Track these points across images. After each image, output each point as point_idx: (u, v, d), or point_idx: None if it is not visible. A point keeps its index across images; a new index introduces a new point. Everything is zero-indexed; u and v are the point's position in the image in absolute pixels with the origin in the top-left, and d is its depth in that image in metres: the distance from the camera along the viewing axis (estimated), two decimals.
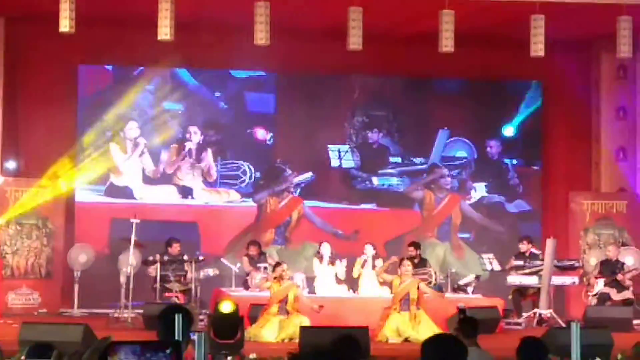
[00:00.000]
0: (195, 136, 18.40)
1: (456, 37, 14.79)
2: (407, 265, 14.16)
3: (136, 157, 18.18)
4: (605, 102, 18.53)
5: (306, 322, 13.14)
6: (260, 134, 18.63)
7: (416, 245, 16.64)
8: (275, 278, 13.82)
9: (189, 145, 18.38)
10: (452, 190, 18.96)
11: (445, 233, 18.92)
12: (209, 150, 18.43)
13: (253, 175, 18.53)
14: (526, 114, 19.12)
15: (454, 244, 18.87)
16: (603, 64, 18.39)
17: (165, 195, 18.30)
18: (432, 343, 4.20)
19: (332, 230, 18.40)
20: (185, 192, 18.39)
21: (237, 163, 18.54)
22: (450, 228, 18.93)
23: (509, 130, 19.11)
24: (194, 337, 4.87)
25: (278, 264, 14.38)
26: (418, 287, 13.89)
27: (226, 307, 9.62)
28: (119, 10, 16.15)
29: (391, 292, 14.24)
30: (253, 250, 16.46)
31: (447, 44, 14.93)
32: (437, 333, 4.63)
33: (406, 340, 13.36)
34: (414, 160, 18.96)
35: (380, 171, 18.87)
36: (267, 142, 18.67)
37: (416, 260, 16.11)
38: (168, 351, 3.39)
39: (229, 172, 18.52)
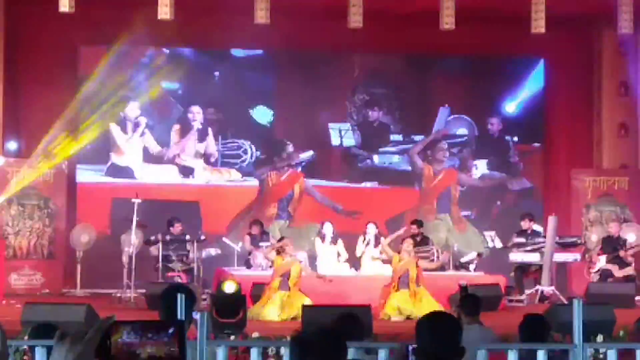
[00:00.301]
0: (198, 115, 18.40)
1: (457, 14, 14.76)
2: (409, 244, 14.19)
3: (137, 137, 18.18)
4: (607, 79, 18.49)
5: (308, 301, 13.16)
6: (261, 112, 18.61)
7: (419, 223, 16.66)
8: (278, 252, 13.83)
9: (195, 125, 18.36)
10: (452, 166, 18.94)
11: (444, 206, 18.89)
12: (211, 130, 18.42)
13: (254, 154, 18.52)
14: (527, 91, 19.09)
15: (454, 216, 18.85)
16: (604, 40, 18.34)
17: (166, 175, 18.30)
18: (426, 321, 4.19)
19: (333, 205, 18.41)
20: (186, 171, 18.39)
21: (237, 142, 18.53)
22: (450, 200, 18.91)
23: (510, 108, 19.08)
24: (197, 316, 4.87)
25: (282, 238, 14.45)
26: (417, 265, 13.91)
27: (229, 287, 9.54)
28: None
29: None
30: (255, 230, 16.46)
31: (448, 21, 14.91)
32: (431, 311, 4.60)
33: (408, 318, 13.36)
34: (415, 138, 18.94)
35: (381, 149, 18.85)
36: (268, 121, 18.65)
37: (418, 238, 16.15)
38: (171, 331, 3.38)
39: (229, 152, 18.51)
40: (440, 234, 18.44)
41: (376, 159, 18.87)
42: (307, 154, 18.63)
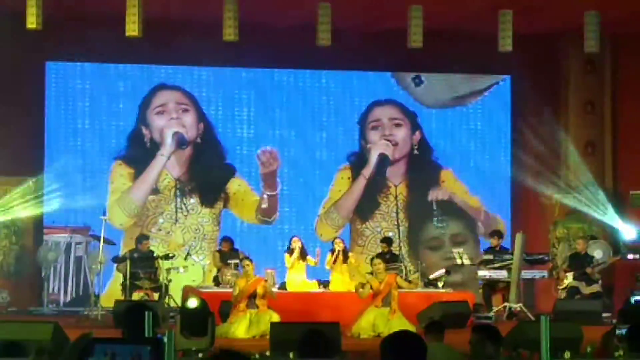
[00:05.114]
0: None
1: (425, 33, 14.87)
2: (379, 264, 14.15)
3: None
4: (574, 97, 18.59)
5: (276, 318, 13.12)
6: None
7: (388, 241, 16.74)
8: (240, 276, 13.79)
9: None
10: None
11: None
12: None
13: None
14: (495, 108, 19.13)
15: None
16: (571, 59, 18.44)
17: None
18: (391, 341, 4.17)
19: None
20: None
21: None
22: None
23: (477, 124, 19.11)
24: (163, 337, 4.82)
25: (246, 259, 14.32)
26: (397, 284, 13.86)
27: (192, 303, 9.34)
28: (87, 7, 16.01)
29: (371, 289, 14.18)
30: (225, 246, 16.41)
31: (415, 39, 14.99)
32: (397, 331, 4.58)
33: (378, 336, 13.32)
34: None
35: None
36: None
37: (387, 256, 16.18)
38: (149, 348, 3.37)
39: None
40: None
41: None
42: None
